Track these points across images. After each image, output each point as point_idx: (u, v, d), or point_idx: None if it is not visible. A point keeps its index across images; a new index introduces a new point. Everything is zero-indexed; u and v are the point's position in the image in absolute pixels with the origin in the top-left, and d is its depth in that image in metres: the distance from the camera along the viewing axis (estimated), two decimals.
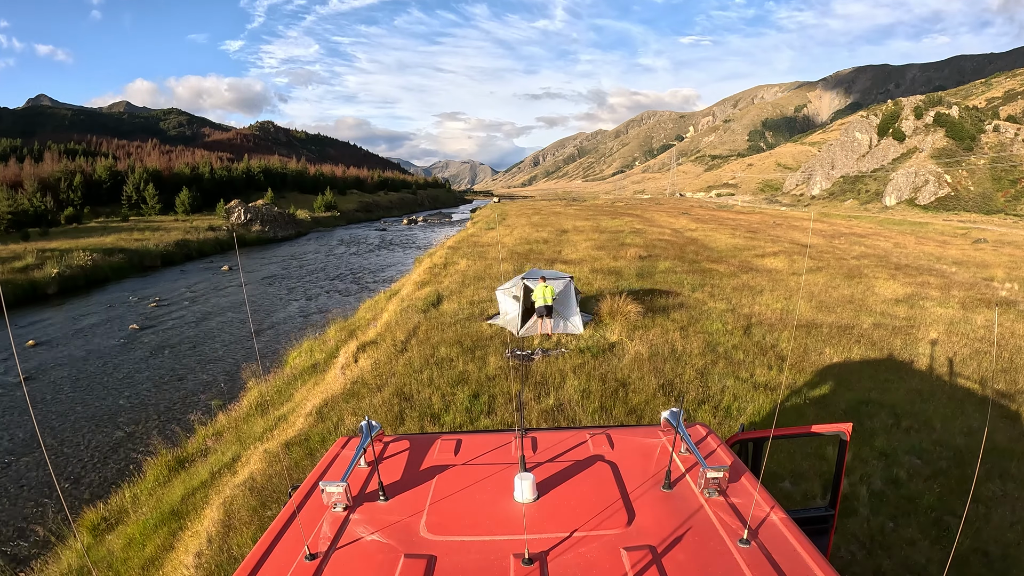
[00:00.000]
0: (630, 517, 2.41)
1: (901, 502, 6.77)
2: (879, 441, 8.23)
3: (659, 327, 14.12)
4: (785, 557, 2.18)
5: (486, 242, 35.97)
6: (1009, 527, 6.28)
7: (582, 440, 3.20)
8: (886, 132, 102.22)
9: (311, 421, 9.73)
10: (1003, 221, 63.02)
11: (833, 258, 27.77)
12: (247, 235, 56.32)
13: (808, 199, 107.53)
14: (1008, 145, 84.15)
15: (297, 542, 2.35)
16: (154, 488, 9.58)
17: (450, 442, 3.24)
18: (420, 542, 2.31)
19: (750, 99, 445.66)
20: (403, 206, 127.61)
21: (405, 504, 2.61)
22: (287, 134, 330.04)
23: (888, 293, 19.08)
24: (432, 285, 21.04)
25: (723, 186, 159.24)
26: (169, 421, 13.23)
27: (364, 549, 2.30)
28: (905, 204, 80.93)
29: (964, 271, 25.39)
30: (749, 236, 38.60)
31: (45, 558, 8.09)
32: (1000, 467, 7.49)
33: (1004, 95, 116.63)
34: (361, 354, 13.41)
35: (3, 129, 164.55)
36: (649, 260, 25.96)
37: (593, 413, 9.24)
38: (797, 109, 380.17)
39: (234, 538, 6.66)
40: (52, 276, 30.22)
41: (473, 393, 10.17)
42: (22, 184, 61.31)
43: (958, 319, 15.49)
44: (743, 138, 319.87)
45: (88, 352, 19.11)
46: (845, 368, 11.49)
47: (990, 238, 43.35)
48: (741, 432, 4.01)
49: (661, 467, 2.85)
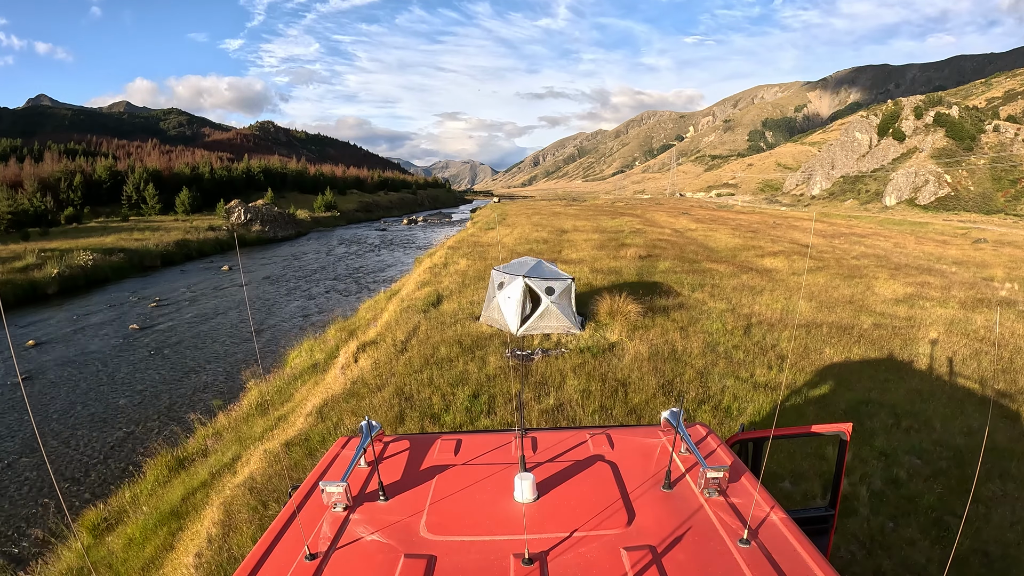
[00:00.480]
0: (630, 517, 2.41)
1: (901, 502, 6.77)
2: (879, 441, 8.23)
3: (659, 327, 14.12)
4: (785, 557, 2.18)
5: (486, 242, 35.97)
6: (1009, 527, 6.28)
7: (582, 440, 3.20)
8: (886, 132, 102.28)
9: (311, 421, 9.73)
10: (1003, 221, 63.05)
11: (833, 258, 27.77)
12: (247, 235, 56.34)
13: (808, 199, 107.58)
14: (1008, 145, 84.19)
15: (297, 542, 2.35)
16: (154, 488, 9.58)
17: (450, 442, 3.24)
18: (420, 542, 2.31)
19: (750, 99, 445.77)
20: (403, 206, 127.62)
21: (405, 504, 2.61)
22: (287, 134, 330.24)
23: (888, 293, 19.08)
24: (432, 285, 21.04)
25: (723, 186, 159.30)
26: (169, 421, 13.23)
27: (364, 549, 2.30)
28: (905, 204, 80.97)
29: (964, 271, 25.39)
30: (749, 236, 38.61)
31: (45, 558, 8.09)
32: (1000, 467, 7.49)
33: (1004, 95, 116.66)
34: (361, 354, 13.41)
35: (3, 129, 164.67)
36: (649, 260, 25.96)
37: (593, 413, 9.24)
38: (797, 109, 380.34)
39: (234, 538, 6.66)
40: (52, 276, 30.21)
41: (473, 393, 10.17)
42: (22, 184, 61.33)
43: (958, 319, 15.49)
44: (743, 138, 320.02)
45: (88, 352, 19.12)
46: (845, 368, 11.49)
47: (990, 238, 43.36)
48: (741, 432, 4.01)
49: (661, 467, 2.85)
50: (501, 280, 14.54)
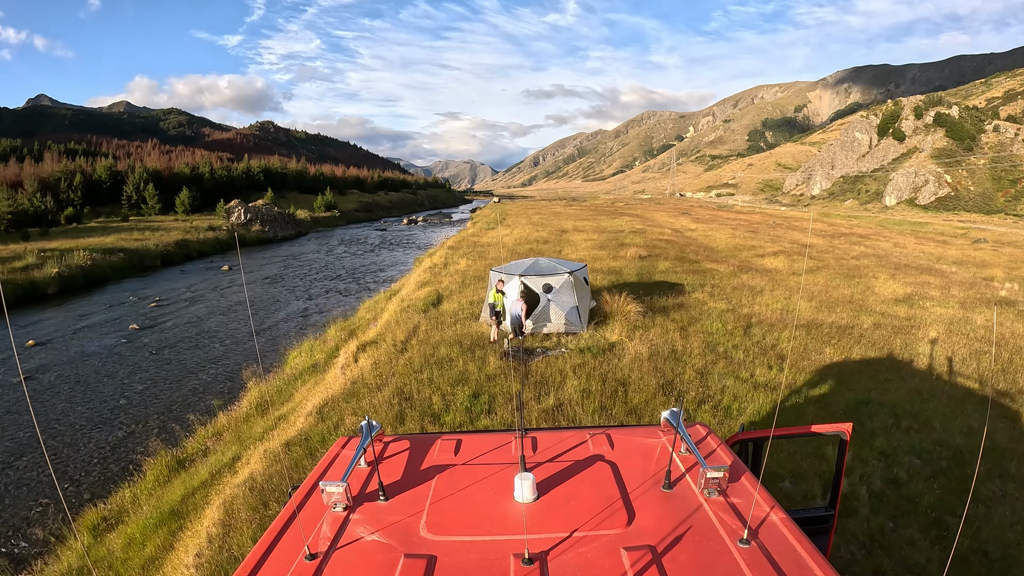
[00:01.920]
0: (630, 517, 2.41)
1: (901, 502, 6.77)
2: (879, 441, 8.23)
3: (659, 327, 14.12)
4: (785, 557, 2.18)
5: (486, 242, 35.96)
6: (1009, 527, 6.28)
7: (582, 440, 3.20)
8: (886, 132, 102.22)
9: (311, 421, 9.73)
10: (1003, 221, 63.01)
11: (833, 258, 27.77)
12: (247, 235, 56.32)
13: (808, 199, 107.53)
14: (1008, 145, 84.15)
15: (297, 542, 2.35)
16: (154, 488, 9.58)
17: (450, 442, 3.24)
18: (420, 542, 2.31)
19: (750, 99, 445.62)
20: (403, 206, 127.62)
21: (405, 504, 2.61)
22: (287, 134, 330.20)
23: (888, 293, 19.07)
24: (432, 285, 21.04)
25: (723, 186, 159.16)
26: (169, 421, 13.23)
27: (364, 549, 2.30)
28: (905, 204, 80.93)
29: (964, 271, 25.38)
30: (749, 236, 38.60)
31: (45, 558, 8.09)
32: (1000, 467, 7.49)
33: (1004, 95, 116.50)
34: (361, 354, 13.41)
35: (3, 129, 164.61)
36: (649, 260, 25.96)
37: (593, 413, 9.24)
38: (797, 109, 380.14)
39: (234, 538, 6.66)
40: (52, 276, 30.22)
41: (473, 393, 10.17)
42: (22, 184, 61.33)
43: (958, 319, 15.48)
44: (743, 138, 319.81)
45: (88, 352, 19.12)
46: (845, 368, 11.49)
47: (990, 238, 43.33)
48: (741, 432, 4.01)
49: (661, 467, 2.85)
50: (499, 280, 14.56)
